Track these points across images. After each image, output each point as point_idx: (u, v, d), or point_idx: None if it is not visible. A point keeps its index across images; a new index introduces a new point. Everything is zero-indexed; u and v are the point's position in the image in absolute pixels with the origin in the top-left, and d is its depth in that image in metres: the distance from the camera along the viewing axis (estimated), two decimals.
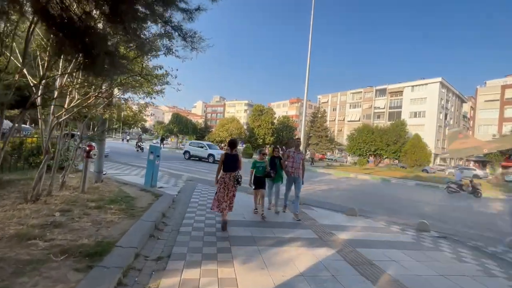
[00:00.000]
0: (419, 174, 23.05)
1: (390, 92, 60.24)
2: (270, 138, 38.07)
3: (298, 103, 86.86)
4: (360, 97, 66.67)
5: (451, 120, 59.12)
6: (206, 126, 41.58)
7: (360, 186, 14.60)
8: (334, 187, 12.87)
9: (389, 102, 60.43)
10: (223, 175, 4.42)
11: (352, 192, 11.88)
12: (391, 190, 14.15)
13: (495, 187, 19.56)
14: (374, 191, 13.04)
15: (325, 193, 10.72)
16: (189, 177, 10.41)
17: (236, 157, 4.55)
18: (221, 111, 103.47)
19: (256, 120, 38.64)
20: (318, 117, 40.66)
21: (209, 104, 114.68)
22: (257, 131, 37.85)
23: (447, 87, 55.78)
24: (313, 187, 11.97)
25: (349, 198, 10.13)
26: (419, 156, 29.17)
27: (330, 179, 16.62)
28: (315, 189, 11.47)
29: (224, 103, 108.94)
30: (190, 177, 10.60)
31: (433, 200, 12.00)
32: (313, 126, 40.67)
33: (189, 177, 10.51)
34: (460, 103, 63.79)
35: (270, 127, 37.42)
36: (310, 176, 16.94)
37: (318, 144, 38.83)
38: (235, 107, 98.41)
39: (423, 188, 16.19)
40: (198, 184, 8.98)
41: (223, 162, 4.46)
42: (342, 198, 9.83)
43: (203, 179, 10.55)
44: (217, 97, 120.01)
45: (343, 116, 68.60)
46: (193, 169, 14.47)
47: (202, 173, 12.96)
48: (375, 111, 62.78)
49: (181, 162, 18.51)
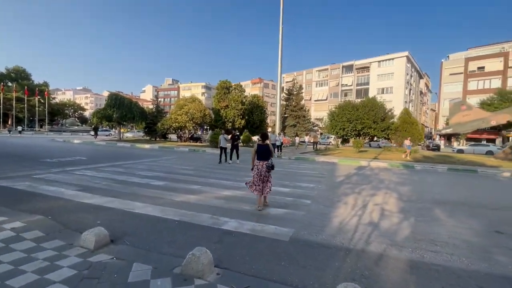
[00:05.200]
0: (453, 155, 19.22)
1: (357, 68, 57.93)
2: (241, 121, 31.47)
3: (260, 83, 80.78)
4: (327, 74, 63.44)
5: (413, 96, 59.86)
6: (158, 111, 32.81)
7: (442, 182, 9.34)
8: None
9: (356, 79, 58.24)
10: (257, 163, 5.00)
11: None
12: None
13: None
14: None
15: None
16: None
17: (267, 147, 5.10)
18: (175, 95, 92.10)
19: (223, 100, 31.48)
20: (294, 94, 35.04)
21: (160, 88, 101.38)
22: (224, 113, 30.84)
23: (411, 62, 55.41)
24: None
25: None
26: (411, 134, 25.90)
27: (377, 176, 11.07)
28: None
29: (178, 86, 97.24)
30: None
31: None
32: (288, 106, 35.09)
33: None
34: (418, 79, 65.10)
35: (240, 108, 30.68)
36: (314, 168, 11.24)
37: (295, 126, 33.48)
38: (190, 90, 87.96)
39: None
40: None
41: (256, 152, 5.06)
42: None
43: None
44: (169, 80, 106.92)
45: (309, 96, 64.90)
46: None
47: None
48: (343, 88, 60.29)
49: (118, 166, 11.04)
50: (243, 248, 3.25)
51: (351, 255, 3.18)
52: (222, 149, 12.12)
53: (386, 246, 3.50)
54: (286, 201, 5.71)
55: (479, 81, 42.90)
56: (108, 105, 26.10)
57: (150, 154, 15.08)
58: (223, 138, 12.25)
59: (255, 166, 5.04)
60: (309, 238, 3.68)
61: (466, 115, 21.84)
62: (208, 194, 6.01)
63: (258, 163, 5.01)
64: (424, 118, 72.86)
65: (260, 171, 4.94)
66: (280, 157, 15.97)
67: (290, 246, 3.38)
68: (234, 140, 12.69)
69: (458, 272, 2.85)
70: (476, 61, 43.51)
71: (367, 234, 3.93)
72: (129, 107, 26.57)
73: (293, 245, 3.41)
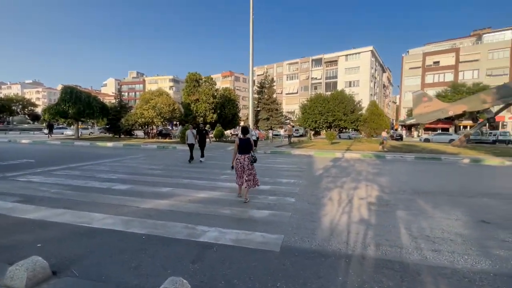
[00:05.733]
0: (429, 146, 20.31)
1: (326, 61, 59.31)
2: (213, 115, 30.35)
3: (231, 76, 79.37)
4: (297, 68, 64.10)
5: (377, 89, 63.11)
6: (121, 106, 30.29)
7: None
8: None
9: (325, 72, 59.70)
10: (239, 157, 5.07)
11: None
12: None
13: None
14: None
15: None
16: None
17: (248, 141, 5.16)
18: (140, 88, 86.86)
19: (192, 93, 29.97)
20: (266, 87, 34.66)
21: (124, 81, 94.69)
22: (195, 107, 29.45)
23: (375, 57, 58.10)
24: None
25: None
26: (379, 125, 27.15)
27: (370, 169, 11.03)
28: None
29: (144, 79, 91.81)
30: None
31: None
32: (261, 99, 34.68)
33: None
34: (382, 73, 68.71)
35: (212, 101, 29.50)
36: (293, 162, 11.04)
37: (269, 119, 33.28)
38: (157, 84, 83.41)
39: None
40: None
41: (238, 146, 5.09)
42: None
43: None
44: (133, 73, 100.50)
45: (281, 89, 65.19)
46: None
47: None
48: (312, 82, 61.48)
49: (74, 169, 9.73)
50: (228, 267, 2.69)
51: (353, 264, 2.79)
52: (191, 146, 10.96)
53: (385, 248, 3.18)
54: (269, 200, 5.24)
55: (435, 75, 46.35)
56: (62, 99, 23.32)
57: (113, 153, 13.69)
58: (191, 133, 10.94)
59: (237, 160, 5.12)
60: (302, 245, 3.23)
61: (427, 106, 23.22)
62: (181, 198, 5.31)
63: (240, 157, 5.11)
64: (387, 110, 77.45)
65: (243, 165, 5.06)
66: (255, 151, 15.49)
67: (283, 258, 2.89)
68: (201, 135, 11.28)
69: (467, 275, 2.59)
70: (432, 56, 46.87)
71: (362, 235, 3.60)
72: (87, 102, 24.04)
73: (286, 256, 2.93)
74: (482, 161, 12.43)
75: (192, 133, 10.98)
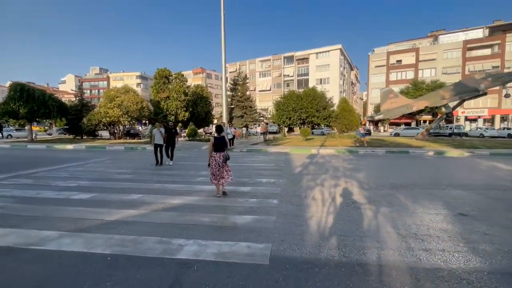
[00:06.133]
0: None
1: (298, 59, 60.25)
2: (185, 113, 29.22)
3: (203, 73, 77.51)
4: (269, 65, 64.31)
5: (346, 86, 65.68)
6: (83, 104, 27.85)
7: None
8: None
9: (297, 70, 60.67)
10: (214, 154, 5.24)
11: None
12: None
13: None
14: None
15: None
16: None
17: (223, 139, 5.34)
18: (104, 86, 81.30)
19: (162, 91, 28.54)
20: (239, 84, 34.20)
21: (85, 78, 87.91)
22: (165, 105, 28.08)
23: (344, 55, 60.27)
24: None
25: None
26: (350, 121, 28.10)
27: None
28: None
29: (108, 75, 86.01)
30: None
31: None
32: (234, 96, 34.15)
33: None
34: (350, 71, 71.60)
35: (183, 99, 28.31)
36: (269, 161, 10.91)
37: (243, 117, 32.91)
38: (123, 81, 78.62)
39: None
40: None
41: (213, 145, 5.26)
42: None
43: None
44: (96, 69, 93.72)
45: (254, 86, 65.01)
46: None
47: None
48: (285, 79, 62.15)
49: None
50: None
51: (349, 273, 2.58)
52: (158, 146, 9.76)
53: (379, 251, 3.03)
54: (250, 203, 4.92)
55: (397, 73, 49.32)
56: (11, 98, 20.72)
57: (74, 157, 12.40)
58: (158, 132, 9.78)
59: (212, 158, 5.25)
60: (292, 254, 2.97)
61: (393, 102, 24.51)
62: (153, 206, 4.78)
63: (216, 155, 5.25)
64: (355, 106, 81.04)
65: (218, 162, 5.20)
66: (231, 150, 15.10)
67: (274, 272, 2.59)
68: (170, 135, 10.18)
69: (464, 276, 2.51)
70: (395, 55, 49.78)
71: (352, 237, 3.44)
72: (41, 100, 21.64)
73: (277, 270, 2.64)
74: (444, 153, 13.31)
75: (160, 132, 9.85)
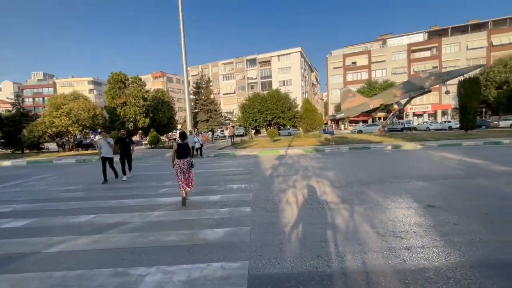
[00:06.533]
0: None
1: (260, 62, 60.92)
2: (145, 119, 27.42)
3: (163, 77, 74.29)
4: (232, 68, 64.03)
5: (307, 87, 68.21)
6: (22, 114, 24.49)
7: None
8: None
9: (260, 72, 61.32)
10: (178, 161, 5.14)
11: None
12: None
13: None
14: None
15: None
16: None
17: (187, 145, 5.29)
18: (50, 93, 73.13)
19: (118, 96, 26.40)
20: (203, 87, 33.27)
21: (26, 85, 78.26)
22: (122, 112, 26.03)
23: (304, 57, 62.54)
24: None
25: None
26: (313, 120, 29.08)
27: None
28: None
29: (54, 81, 77.66)
30: None
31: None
32: (198, 100, 33.12)
33: None
34: (310, 72, 74.57)
35: (142, 104, 26.54)
36: (237, 164, 10.63)
37: (208, 121, 32.05)
38: (73, 87, 71.58)
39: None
40: None
41: (176, 151, 5.16)
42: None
43: None
44: (39, 74, 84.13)
45: (218, 89, 64.09)
46: None
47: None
48: (249, 81, 62.37)
49: None
50: None
51: (336, 286, 2.33)
52: (106, 160, 8.03)
53: (362, 256, 2.86)
54: (221, 214, 4.51)
55: (353, 74, 52.62)
56: None
57: (12, 175, 10.65)
58: (104, 143, 8.00)
59: (176, 165, 5.17)
60: (273, 270, 2.64)
61: (352, 101, 25.95)
62: (107, 228, 4.09)
63: (179, 162, 5.16)
64: (317, 107, 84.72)
65: (183, 169, 5.14)
66: (199, 157, 14.39)
67: None
68: (124, 145, 8.57)
69: (450, 274, 2.43)
70: (351, 57, 53.07)
71: (332, 243, 3.24)
72: None
73: None
74: (401, 147, 14.28)
75: (108, 143, 8.12)
